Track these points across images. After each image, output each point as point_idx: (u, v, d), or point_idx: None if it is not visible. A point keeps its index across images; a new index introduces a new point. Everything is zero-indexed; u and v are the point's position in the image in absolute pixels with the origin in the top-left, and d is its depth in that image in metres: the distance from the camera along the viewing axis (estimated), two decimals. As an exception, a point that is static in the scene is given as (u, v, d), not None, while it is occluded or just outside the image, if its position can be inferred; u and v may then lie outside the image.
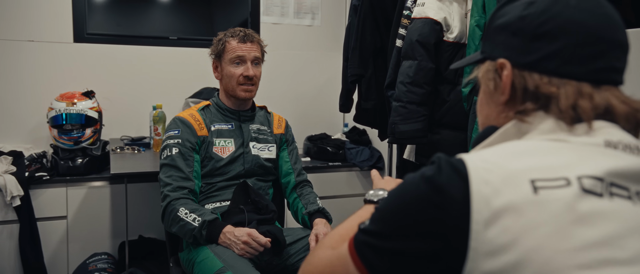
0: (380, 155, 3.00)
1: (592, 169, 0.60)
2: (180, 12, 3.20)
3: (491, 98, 0.75)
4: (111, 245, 2.59)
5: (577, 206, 0.57)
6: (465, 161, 0.62)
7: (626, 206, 0.59)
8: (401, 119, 1.95)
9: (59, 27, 2.76)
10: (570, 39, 0.66)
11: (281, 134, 2.01)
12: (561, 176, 0.59)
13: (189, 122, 1.84)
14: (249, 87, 1.86)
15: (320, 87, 3.35)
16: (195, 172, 1.79)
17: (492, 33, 0.75)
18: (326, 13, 3.34)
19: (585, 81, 0.66)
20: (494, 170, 0.60)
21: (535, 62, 0.68)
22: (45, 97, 2.65)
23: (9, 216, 2.31)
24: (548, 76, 0.67)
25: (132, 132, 2.89)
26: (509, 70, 0.70)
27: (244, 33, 1.86)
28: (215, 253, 1.63)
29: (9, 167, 2.38)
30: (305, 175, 2.02)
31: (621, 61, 0.68)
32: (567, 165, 0.60)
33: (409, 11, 2.03)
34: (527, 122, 0.68)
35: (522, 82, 0.69)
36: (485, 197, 0.58)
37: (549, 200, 0.57)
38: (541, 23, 0.67)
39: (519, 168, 0.60)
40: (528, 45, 0.68)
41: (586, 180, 0.59)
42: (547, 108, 0.67)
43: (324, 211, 1.86)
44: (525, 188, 0.58)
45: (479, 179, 0.59)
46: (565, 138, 0.64)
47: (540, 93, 0.67)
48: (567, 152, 0.62)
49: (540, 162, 0.61)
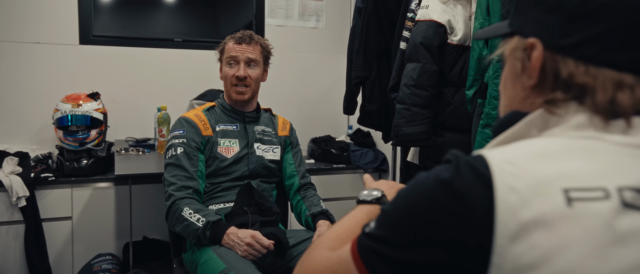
0: (384, 157, 3.00)
1: (634, 179, 0.52)
2: (185, 14, 3.22)
3: (517, 80, 0.66)
4: (116, 246, 2.60)
5: (616, 223, 0.50)
6: (488, 162, 0.54)
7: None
8: (405, 122, 1.94)
9: (65, 29, 2.78)
10: (615, 22, 0.56)
11: (286, 137, 2.02)
12: (598, 186, 0.52)
13: (194, 122, 1.85)
14: (241, 89, 1.87)
15: (325, 89, 3.35)
16: (199, 172, 1.79)
17: (525, 5, 0.65)
18: (331, 15, 3.35)
19: (627, 71, 0.57)
20: (522, 175, 0.53)
21: (572, 45, 0.58)
22: (51, 99, 2.67)
23: (15, 217, 2.33)
24: (585, 64, 0.58)
25: (137, 133, 2.91)
26: (540, 52, 0.61)
27: (241, 34, 1.88)
28: (218, 254, 1.64)
29: (15, 168, 2.40)
30: (309, 178, 2.02)
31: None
32: (605, 172, 0.53)
33: (413, 13, 2.03)
34: (557, 115, 0.60)
35: (554, 68, 0.60)
36: (512, 207, 0.51)
37: (585, 215, 0.50)
38: (583, 1, 0.57)
39: (551, 174, 0.53)
40: (565, 26, 0.59)
41: (628, 192, 0.51)
42: (581, 100, 0.58)
43: (327, 213, 1.86)
44: (558, 199, 0.51)
45: (505, 186, 0.52)
46: (600, 137, 0.56)
47: (573, 82, 0.58)
48: (604, 156, 0.55)
49: (574, 168, 0.53)
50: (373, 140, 3.11)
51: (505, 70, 0.69)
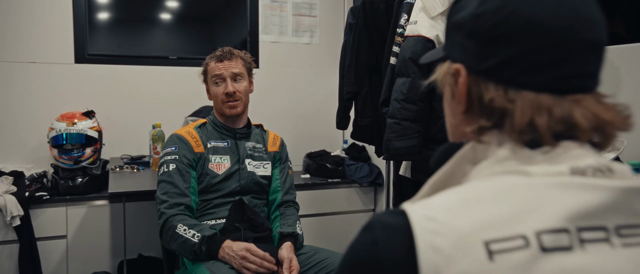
0: (379, 171, 3.00)
1: (552, 219, 0.50)
2: (181, 31, 3.25)
3: (452, 106, 0.65)
4: (111, 264, 2.60)
5: (535, 270, 0.49)
6: (410, 221, 0.53)
7: (603, 253, 0.50)
8: (396, 136, 1.96)
9: (61, 48, 2.81)
10: (527, 43, 0.56)
11: (275, 152, 2.03)
12: (518, 234, 0.50)
13: (186, 139, 1.86)
14: (233, 104, 1.89)
15: (320, 104, 3.37)
16: (192, 189, 1.80)
17: (451, 29, 0.64)
18: (324, 31, 3.38)
19: (545, 91, 0.56)
20: (443, 232, 0.51)
21: (490, 69, 0.58)
22: (46, 118, 2.69)
23: (9, 236, 2.33)
24: (504, 87, 0.57)
25: (133, 151, 2.92)
26: (464, 77, 0.61)
27: (221, 52, 1.91)
28: (211, 271, 1.64)
29: (9, 187, 2.40)
30: (293, 195, 2.01)
31: (592, 64, 0.58)
32: (524, 214, 0.51)
33: (402, 29, 2.05)
34: (484, 143, 0.59)
35: (478, 92, 0.59)
36: (435, 268, 0.50)
37: (507, 268, 0.49)
38: (495, 24, 0.57)
39: (472, 226, 0.51)
40: (482, 50, 0.58)
41: (546, 236, 0.50)
42: (501, 126, 0.58)
43: (295, 236, 1.83)
44: (480, 254, 0.49)
45: (428, 247, 0.51)
46: (522, 169, 0.55)
47: (494, 107, 0.58)
48: (523, 194, 0.53)
49: (494, 214, 0.52)
50: (368, 154, 3.12)
51: (444, 96, 0.68)
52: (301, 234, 1.87)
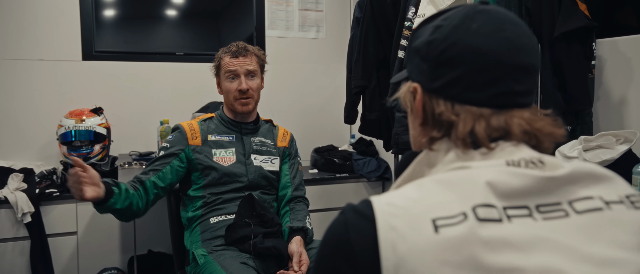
0: (387, 166, 3.00)
1: (484, 196, 0.61)
2: (187, 27, 3.25)
3: (411, 120, 0.77)
4: (121, 260, 2.62)
5: (478, 232, 0.58)
6: (373, 205, 0.63)
7: (527, 225, 0.60)
8: (404, 130, 1.95)
9: (68, 45, 2.82)
10: (469, 66, 0.66)
11: (284, 148, 2.03)
12: (459, 212, 0.60)
13: (184, 131, 1.89)
14: (246, 101, 1.89)
15: (327, 99, 3.36)
16: (160, 173, 1.80)
17: (411, 54, 0.75)
18: (331, 26, 3.37)
19: (485, 106, 0.67)
20: (400, 214, 0.61)
21: (440, 88, 0.69)
22: (55, 115, 2.70)
23: (20, 233, 2.35)
24: (451, 102, 0.68)
25: (141, 147, 2.93)
26: (420, 94, 0.71)
27: (236, 47, 1.89)
28: (222, 267, 1.65)
29: (20, 184, 2.42)
30: (303, 191, 2.01)
31: (524, 84, 0.68)
32: (464, 197, 0.61)
33: (410, 22, 2.05)
34: (435, 150, 0.70)
35: (431, 107, 0.70)
36: (392, 243, 0.59)
37: (448, 237, 0.58)
38: (443, 50, 0.68)
39: (422, 209, 0.61)
40: (433, 71, 0.69)
41: (480, 209, 0.60)
42: (449, 135, 0.68)
43: (305, 230, 1.83)
44: (428, 229, 0.59)
45: (386, 226, 0.61)
46: (466, 165, 0.65)
47: (443, 120, 0.68)
48: (466, 183, 0.63)
49: (440, 199, 0.62)
50: (376, 149, 3.11)
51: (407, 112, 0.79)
52: (311, 228, 1.87)
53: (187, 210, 1.88)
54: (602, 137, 1.58)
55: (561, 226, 0.61)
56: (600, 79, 1.92)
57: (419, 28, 0.75)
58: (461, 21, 0.68)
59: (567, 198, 0.63)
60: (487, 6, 0.71)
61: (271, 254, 1.72)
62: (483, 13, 0.69)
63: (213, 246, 1.78)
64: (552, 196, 0.63)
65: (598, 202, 0.63)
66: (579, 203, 0.63)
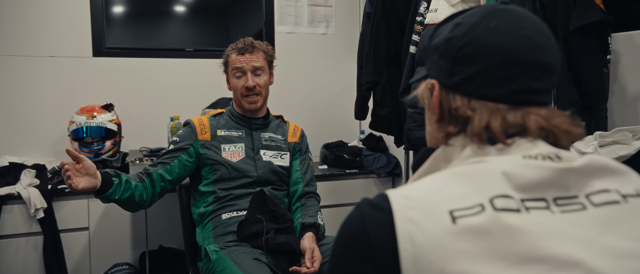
0: (397, 162, 2.99)
1: (501, 188, 0.61)
2: (196, 23, 3.25)
3: (428, 116, 0.78)
4: (132, 255, 2.63)
5: (495, 226, 0.58)
6: (389, 198, 0.64)
7: (545, 217, 0.60)
8: (416, 126, 1.94)
9: (79, 42, 2.83)
10: (486, 62, 0.67)
11: (295, 143, 2.02)
12: (476, 203, 0.60)
13: (193, 125, 1.90)
14: (253, 98, 1.89)
15: (336, 94, 3.36)
16: (168, 166, 1.83)
17: (430, 52, 0.76)
18: (340, 21, 3.36)
19: (501, 102, 0.68)
20: (417, 207, 0.62)
21: (457, 84, 0.70)
22: (66, 111, 2.72)
23: (33, 228, 2.36)
24: (468, 98, 0.69)
25: (151, 143, 2.94)
26: (437, 90, 0.73)
27: (242, 44, 1.89)
28: (235, 263, 1.65)
29: (32, 180, 2.44)
30: (314, 187, 2.01)
31: (541, 82, 0.68)
32: (482, 189, 0.62)
33: (421, 17, 2.03)
34: (451, 146, 0.71)
35: (448, 103, 0.71)
36: (409, 234, 0.60)
37: (466, 227, 0.59)
38: (462, 46, 0.69)
39: (438, 201, 0.62)
40: (451, 68, 0.70)
41: (497, 200, 0.60)
42: (465, 131, 0.69)
43: (317, 226, 1.83)
44: (445, 220, 0.59)
45: (403, 218, 0.61)
46: (482, 160, 0.66)
47: (459, 115, 0.69)
48: (482, 176, 0.63)
49: (457, 191, 0.62)
50: (385, 144, 3.10)
51: (424, 108, 0.80)
52: (322, 224, 1.86)
53: (198, 206, 1.89)
54: (618, 133, 1.56)
55: (579, 218, 0.61)
56: (615, 73, 1.90)
57: (439, 26, 0.76)
58: (480, 19, 0.69)
59: (584, 191, 0.63)
60: (507, 5, 0.71)
61: (284, 250, 1.72)
62: (503, 12, 0.70)
63: (225, 242, 1.78)
64: (568, 188, 0.63)
65: (615, 195, 0.63)
66: (596, 196, 0.63)
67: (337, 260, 0.67)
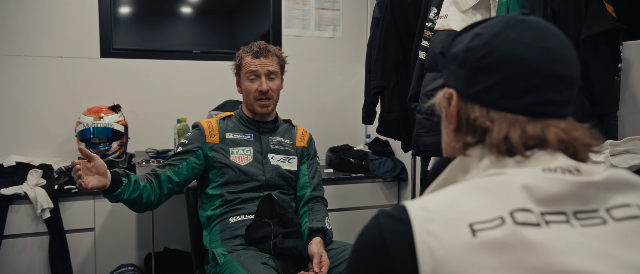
0: (403, 166, 2.98)
1: (521, 201, 0.61)
2: (203, 25, 3.25)
3: (446, 125, 0.77)
4: (137, 256, 2.63)
5: (516, 239, 0.58)
6: (408, 210, 0.63)
7: (565, 231, 0.60)
8: (425, 132, 1.93)
9: (87, 43, 2.84)
10: (506, 73, 0.67)
11: (303, 147, 2.02)
12: (496, 216, 0.60)
13: (202, 128, 1.90)
14: (265, 102, 1.89)
15: (342, 98, 3.35)
16: (176, 168, 1.83)
17: (448, 61, 0.76)
18: (347, 25, 3.36)
19: (521, 113, 0.67)
20: (436, 219, 0.61)
21: (476, 94, 0.69)
22: (73, 112, 2.72)
23: (39, 228, 2.36)
24: (487, 109, 0.68)
25: (157, 145, 2.94)
26: (455, 100, 0.72)
27: (257, 47, 1.89)
28: (243, 266, 1.64)
29: (39, 180, 2.44)
30: (321, 191, 2.01)
31: (561, 94, 0.67)
32: (501, 201, 0.61)
33: (431, 23, 2.03)
34: (469, 156, 0.70)
35: (466, 113, 0.71)
36: (429, 247, 0.60)
37: (486, 240, 0.58)
38: (482, 56, 0.68)
39: (458, 214, 0.61)
40: (471, 78, 0.69)
41: (518, 214, 0.60)
42: (483, 142, 0.69)
43: (325, 231, 1.82)
44: (465, 233, 0.59)
45: (422, 230, 0.61)
46: (501, 172, 0.65)
47: (477, 126, 0.69)
48: (501, 189, 0.63)
49: (476, 203, 0.62)
50: (391, 149, 3.10)
51: (441, 117, 0.80)
52: (330, 229, 1.86)
53: (205, 208, 1.88)
54: (630, 142, 1.55)
55: (599, 233, 0.60)
56: (626, 82, 1.89)
57: (458, 35, 0.76)
58: (501, 29, 0.69)
59: (604, 205, 0.63)
60: (528, 17, 0.71)
61: (291, 254, 1.71)
62: (524, 23, 0.69)
63: (232, 245, 1.78)
64: (589, 202, 0.62)
65: (636, 210, 0.63)
66: (616, 211, 0.62)
67: (354, 271, 0.67)
